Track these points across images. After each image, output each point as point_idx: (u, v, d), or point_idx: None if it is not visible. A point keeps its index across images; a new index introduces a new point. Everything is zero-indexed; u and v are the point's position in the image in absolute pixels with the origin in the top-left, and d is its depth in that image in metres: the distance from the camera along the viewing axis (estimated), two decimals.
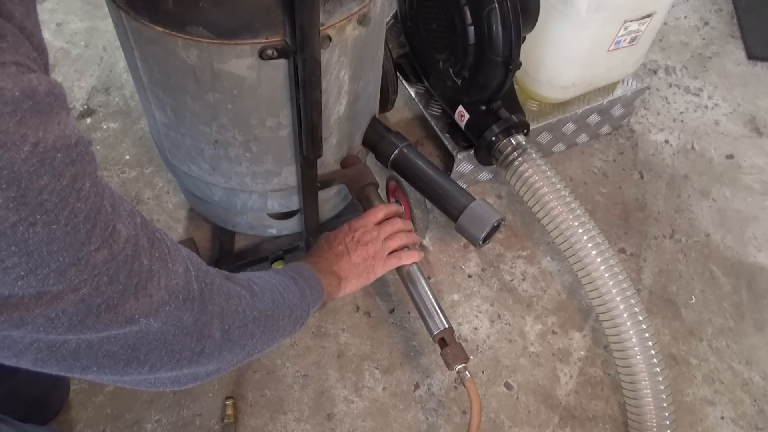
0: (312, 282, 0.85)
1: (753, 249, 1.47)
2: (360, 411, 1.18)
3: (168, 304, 0.52)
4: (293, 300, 0.77)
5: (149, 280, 0.50)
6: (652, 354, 1.11)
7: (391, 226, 1.01)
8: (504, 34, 1.10)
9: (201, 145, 0.98)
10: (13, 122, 0.37)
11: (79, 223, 0.42)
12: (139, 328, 0.50)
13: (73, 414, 1.13)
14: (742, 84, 1.81)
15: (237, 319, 0.62)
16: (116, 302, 0.47)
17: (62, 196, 0.41)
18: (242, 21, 0.76)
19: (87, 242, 0.43)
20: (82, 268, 0.43)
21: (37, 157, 0.38)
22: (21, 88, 0.38)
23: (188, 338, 0.56)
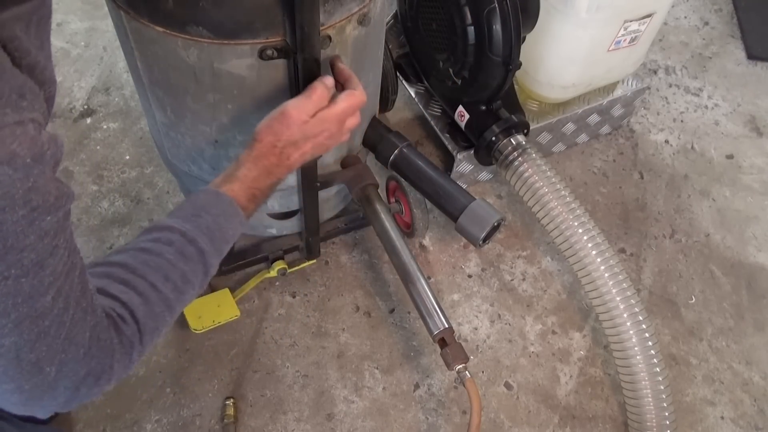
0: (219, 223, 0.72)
1: (753, 249, 1.47)
2: (360, 411, 1.18)
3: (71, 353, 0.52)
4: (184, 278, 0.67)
5: (70, 329, 0.50)
6: (652, 354, 1.11)
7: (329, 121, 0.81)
8: (504, 34, 1.10)
9: (201, 145, 0.98)
10: (23, 188, 0.39)
11: (44, 277, 0.44)
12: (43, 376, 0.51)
13: (73, 414, 1.13)
14: (742, 84, 1.81)
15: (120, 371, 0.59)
16: (42, 355, 0.48)
17: (39, 253, 0.43)
18: (242, 21, 0.76)
19: (46, 293, 0.45)
20: (33, 323, 0.45)
21: (29, 220, 0.41)
22: (33, 154, 0.40)
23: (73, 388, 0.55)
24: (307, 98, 0.77)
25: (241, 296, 1.24)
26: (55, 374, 0.51)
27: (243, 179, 0.75)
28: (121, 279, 0.61)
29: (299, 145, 0.78)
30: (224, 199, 0.72)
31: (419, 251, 1.39)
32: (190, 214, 0.70)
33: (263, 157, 0.76)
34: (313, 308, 1.29)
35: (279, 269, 1.25)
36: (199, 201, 0.72)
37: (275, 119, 0.77)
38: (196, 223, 0.68)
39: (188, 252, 0.66)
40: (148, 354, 1.20)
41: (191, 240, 0.67)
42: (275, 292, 1.31)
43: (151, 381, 1.18)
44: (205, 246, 0.68)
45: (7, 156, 0.38)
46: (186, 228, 0.67)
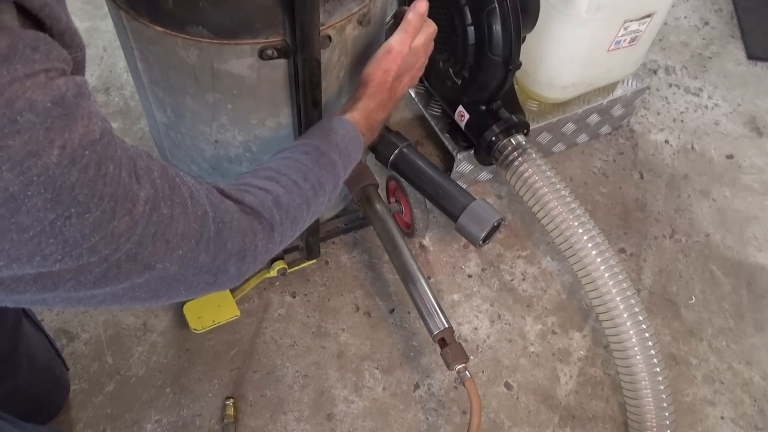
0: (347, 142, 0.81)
1: (753, 249, 1.47)
2: (360, 411, 1.18)
3: (182, 248, 0.55)
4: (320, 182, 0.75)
5: (168, 227, 0.53)
6: (652, 354, 1.11)
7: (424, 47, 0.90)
8: (504, 34, 1.10)
9: (201, 145, 0.98)
10: (42, 130, 0.40)
11: (105, 205, 0.46)
12: (157, 273, 0.54)
13: (73, 414, 1.13)
14: (742, 84, 1.81)
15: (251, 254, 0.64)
16: (135, 252, 0.50)
17: (90, 186, 0.44)
18: (242, 21, 0.76)
19: (112, 218, 0.47)
20: (109, 240, 0.47)
21: (67, 159, 0.42)
22: (51, 98, 0.41)
23: (205, 275, 0.60)
24: (406, 32, 0.85)
25: (241, 296, 1.24)
26: (173, 268, 0.55)
27: (362, 110, 0.84)
28: (266, 176, 0.71)
29: (402, 78, 0.88)
30: (349, 123, 0.81)
31: (419, 251, 1.39)
32: (321, 134, 0.79)
33: (377, 93, 0.85)
34: (313, 308, 1.29)
35: (279, 269, 1.25)
36: (328, 124, 0.81)
37: (383, 57, 0.85)
38: (328, 140, 0.78)
39: (323, 161, 0.75)
40: (148, 354, 1.20)
41: (324, 152, 0.76)
42: (275, 292, 1.31)
43: (151, 381, 1.18)
44: (336, 158, 0.77)
45: (27, 104, 0.40)
46: (320, 143, 0.77)
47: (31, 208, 0.41)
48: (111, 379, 1.18)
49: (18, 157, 0.40)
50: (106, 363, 1.19)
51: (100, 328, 1.23)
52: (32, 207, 0.41)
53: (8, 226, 0.41)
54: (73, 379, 1.16)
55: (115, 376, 1.18)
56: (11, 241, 0.42)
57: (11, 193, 0.40)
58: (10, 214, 0.41)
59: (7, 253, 0.43)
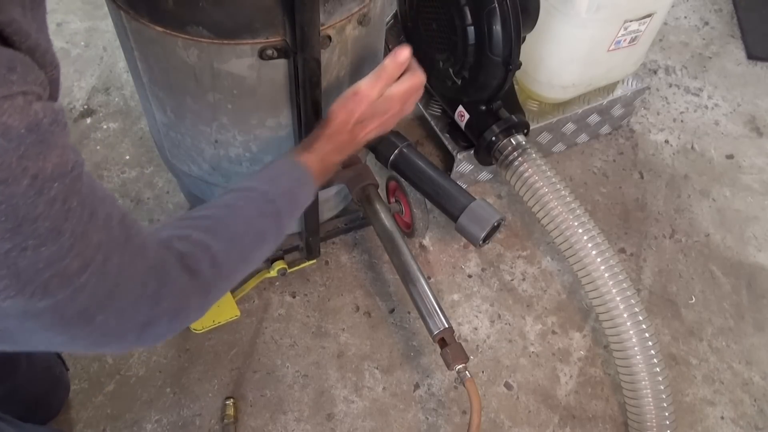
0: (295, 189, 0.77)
1: (753, 249, 1.47)
2: (360, 411, 1.18)
3: (124, 300, 0.53)
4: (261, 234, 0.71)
5: (116, 277, 0.51)
6: (652, 354, 1.11)
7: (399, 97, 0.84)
8: (504, 34, 1.10)
9: (201, 145, 0.98)
10: (15, 157, 0.39)
11: (64, 241, 0.44)
12: (97, 324, 0.52)
13: (73, 414, 1.13)
14: (742, 84, 1.81)
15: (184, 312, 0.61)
16: (81, 298, 0.48)
17: (53, 220, 0.43)
18: (242, 21, 0.76)
19: (66, 256, 0.45)
20: (60, 280, 0.46)
21: (35, 189, 0.41)
22: (26, 124, 0.40)
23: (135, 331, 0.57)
24: (378, 77, 0.81)
25: (241, 296, 1.24)
26: (112, 321, 0.52)
27: (318, 152, 0.80)
28: (205, 227, 0.65)
29: (367, 123, 0.83)
30: (301, 167, 0.77)
31: (419, 251, 1.39)
32: (269, 177, 0.75)
33: (336, 134, 0.81)
34: (313, 308, 1.29)
35: (279, 269, 1.25)
36: (278, 167, 0.77)
37: (349, 98, 0.80)
38: (276, 186, 0.73)
39: (267, 211, 0.71)
40: (148, 354, 1.20)
41: (270, 200, 0.71)
42: (275, 292, 1.31)
43: (151, 381, 1.18)
44: (282, 208, 0.73)
45: (1, 128, 0.38)
46: (266, 189, 0.72)
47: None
48: (111, 379, 1.18)
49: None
50: (106, 363, 1.19)
51: None
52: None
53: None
54: (73, 379, 1.16)
55: (115, 376, 1.18)
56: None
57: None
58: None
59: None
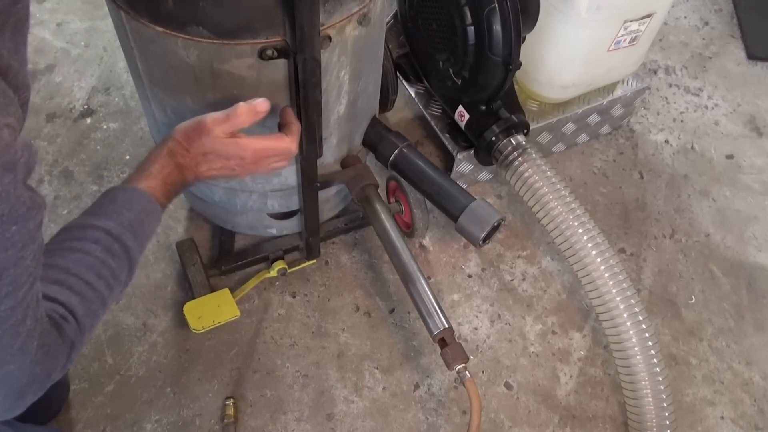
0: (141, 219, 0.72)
1: (753, 249, 1.47)
2: (360, 411, 1.18)
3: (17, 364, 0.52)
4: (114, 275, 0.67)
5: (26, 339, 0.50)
6: (652, 354, 1.11)
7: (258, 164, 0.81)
8: (504, 34, 1.10)
9: None
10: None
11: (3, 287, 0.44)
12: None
13: (73, 414, 1.13)
14: (742, 84, 1.81)
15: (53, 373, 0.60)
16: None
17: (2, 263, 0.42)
18: (242, 21, 0.76)
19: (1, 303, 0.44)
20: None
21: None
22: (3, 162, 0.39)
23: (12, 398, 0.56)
24: (226, 115, 0.76)
25: (241, 296, 1.24)
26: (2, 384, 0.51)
27: (157, 175, 0.75)
28: (55, 279, 0.60)
29: (208, 159, 0.78)
30: (143, 195, 0.72)
31: (419, 251, 1.39)
32: (111, 211, 0.69)
33: (175, 155, 0.76)
34: (313, 308, 1.29)
35: (279, 269, 1.25)
36: (119, 198, 0.71)
37: (191, 125, 0.77)
38: (119, 221, 0.68)
39: (115, 249, 0.66)
40: (148, 354, 1.20)
41: (116, 237, 0.67)
42: (275, 292, 1.31)
43: (151, 381, 1.18)
44: (129, 242, 0.68)
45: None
46: (109, 225, 0.67)
47: None
48: (111, 379, 1.18)
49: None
50: (106, 363, 1.19)
51: (100, 328, 1.23)
52: None
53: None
54: (73, 379, 1.16)
55: (115, 376, 1.18)
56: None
57: None
58: None
59: None
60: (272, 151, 0.81)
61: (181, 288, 1.28)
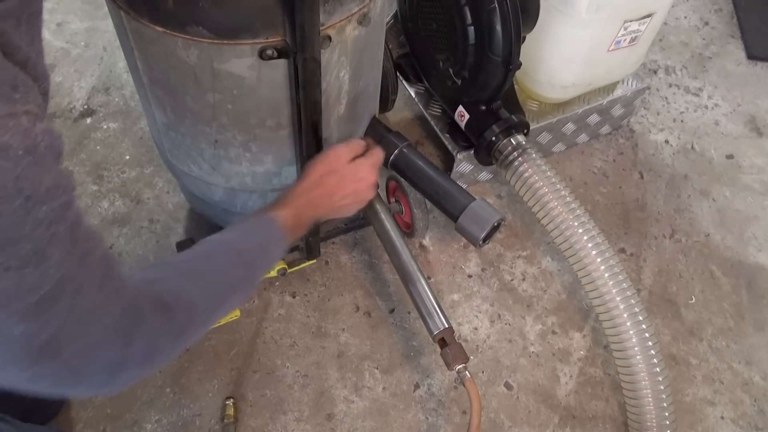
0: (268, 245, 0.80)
1: (753, 249, 1.47)
2: (360, 411, 1.18)
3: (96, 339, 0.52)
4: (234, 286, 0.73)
5: (90, 314, 0.50)
6: (652, 354, 1.11)
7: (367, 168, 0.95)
8: (504, 34, 1.10)
9: (201, 145, 0.98)
10: (12, 177, 0.40)
11: (46, 268, 0.44)
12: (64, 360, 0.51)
13: (73, 414, 1.13)
14: (742, 84, 1.81)
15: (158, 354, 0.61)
16: (54, 332, 0.48)
17: (37, 243, 0.43)
18: (242, 21, 0.76)
19: (46, 283, 0.45)
20: (37, 308, 0.45)
21: (25, 210, 0.41)
22: (25, 146, 0.40)
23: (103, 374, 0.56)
24: (349, 145, 0.93)
25: None
26: (79, 359, 0.52)
27: (293, 207, 0.83)
28: (182, 273, 0.67)
29: (343, 185, 0.90)
30: (275, 223, 0.80)
31: (419, 251, 1.39)
32: (245, 231, 0.78)
33: (313, 188, 0.87)
34: (313, 308, 1.29)
35: (279, 269, 1.25)
36: (254, 222, 0.80)
37: (327, 154, 0.91)
38: (250, 240, 0.76)
39: (240, 263, 0.73)
40: None
41: (244, 252, 0.74)
42: (275, 292, 1.31)
43: (151, 381, 1.18)
44: (255, 261, 0.76)
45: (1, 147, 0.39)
46: (241, 243, 0.75)
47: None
48: None
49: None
50: None
51: None
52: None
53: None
54: None
55: None
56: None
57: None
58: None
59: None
60: (377, 163, 0.97)
61: None
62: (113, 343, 0.54)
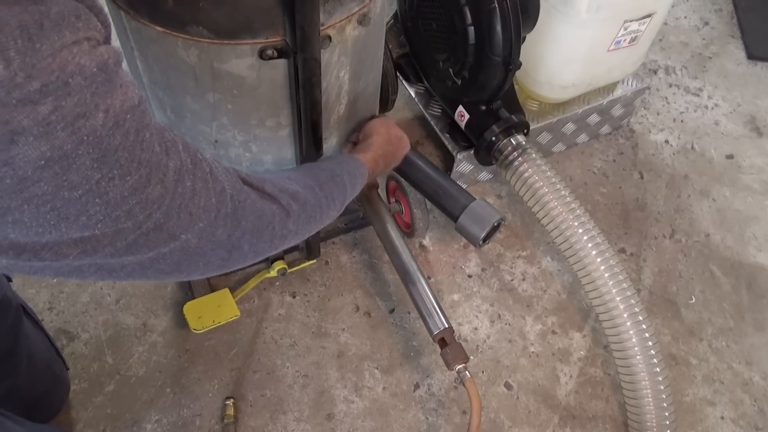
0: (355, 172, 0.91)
1: (753, 249, 1.47)
2: (360, 411, 1.18)
3: (203, 221, 0.58)
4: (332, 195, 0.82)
5: (191, 200, 0.56)
6: (652, 354, 1.11)
7: None
8: (504, 34, 1.10)
9: (201, 145, 0.98)
10: (89, 93, 0.44)
11: (143, 170, 0.49)
12: (180, 244, 0.57)
13: (73, 414, 1.13)
14: (742, 84, 1.81)
15: (266, 235, 0.67)
16: (162, 222, 0.53)
17: (131, 151, 0.48)
18: (242, 21, 0.76)
19: (147, 184, 0.50)
20: (144, 206, 0.50)
21: (111, 122, 0.45)
22: (97, 63, 0.44)
23: (221, 250, 0.62)
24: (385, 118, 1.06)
25: (241, 296, 1.24)
26: (195, 240, 0.57)
27: (372, 154, 0.96)
28: (287, 176, 0.76)
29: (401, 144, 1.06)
30: (358, 161, 0.92)
31: (419, 251, 1.39)
32: (335, 162, 0.90)
33: (385, 144, 1.00)
34: (313, 308, 1.29)
35: (279, 269, 1.25)
36: (341, 157, 0.93)
37: (384, 120, 1.05)
38: (341, 167, 0.87)
39: (336, 180, 0.83)
40: (148, 354, 1.20)
41: (338, 174, 0.85)
42: (275, 292, 1.31)
43: (151, 381, 1.18)
44: (347, 182, 0.85)
45: (77, 68, 0.43)
46: (334, 167, 0.86)
47: (81, 166, 0.44)
48: (111, 379, 1.18)
49: (70, 117, 0.43)
50: (106, 363, 1.19)
51: (100, 328, 1.23)
52: (81, 166, 0.44)
53: (60, 183, 0.44)
54: (73, 379, 1.16)
55: (115, 376, 1.18)
56: (62, 199, 0.45)
57: (64, 151, 0.43)
58: (63, 172, 0.44)
59: (58, 212, 0.45)
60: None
61: (181, 288, 1.28)
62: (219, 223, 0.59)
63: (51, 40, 0.42)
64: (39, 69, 0.41)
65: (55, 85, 0.42)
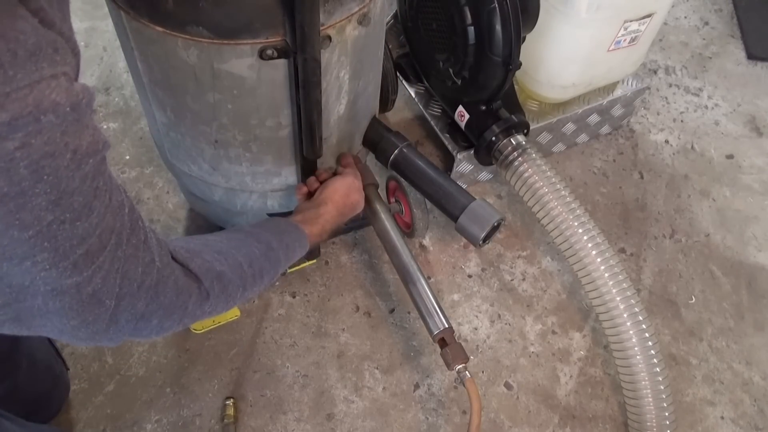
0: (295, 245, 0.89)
1: (753, 249, 1.47)
2: (360, 411, 1.18)
3: (126, 289, 0.56)
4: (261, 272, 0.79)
5: (124, 263, 0.54)
6: (652, 354, 1.11)
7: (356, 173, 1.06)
8: (504, 34, 1.10)
9: (201, 145, 0.98)
10: (59, 132, 0.43)
11: (92, 219, 0.48)
12: (106, 310, 0.55)
13: (73, 414, 1.13)
14: (742, 84, 1.81)
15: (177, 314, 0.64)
16: (99, 287, 0.52)
17: (86, 195, 0.47)
18: (242, 21, 0.76)
19: (93, 234, 0.49)
20: (86, 259, 0.49)
21: (75, 164, 0.45)
22: (71, 102, 0.43)
23: (132, 321, 0.59)
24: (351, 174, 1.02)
25: None
26: (114, 307, 0.55)
27: (321, 226, 0.94)
28: (217, 250, 0.72)
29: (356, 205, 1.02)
30: (302, 233, 0.89)
31: (419, 251, 1.39)
32: (277, 231, 0.86)
33: (334, 210, 0.97)
34: (313, 308, 1.29)
35: None
36: (285, 226, 0.89)
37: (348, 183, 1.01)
38: (280, 240, 0.83)
39: (270, 255, 0.80)
40: (148, 354, 1.20)
41: (274, 248, 0.81)
42: (275, 292, 1.31)
43: (151, 381, 1.18)
44: (282, 258, 0.82)
45: (51, 105, 0.42)
46: (272, 239, 0.82)
47: (35, 206, 0.43)
48: (111, 379, 1.18)
49: (36, 156, 0.42)
50: (106, 363, 1.19)
51: None
52: (36, 206, 0.43)
53: (12, 221, 0.43)
54: (73, 379, 1.16)
55: (115, 376, 1.18)
56: (11, 238, 0.44)
57: (22, 188, 0.42)
58: (17, 210, 0.43)
59: (3, 250, 0.44)
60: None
61: None
62: (141, 294, 0.57)
63: (27, 69, 0.40)
64: (12, 99, 0.40)
65: (25, 121, 0.40)
